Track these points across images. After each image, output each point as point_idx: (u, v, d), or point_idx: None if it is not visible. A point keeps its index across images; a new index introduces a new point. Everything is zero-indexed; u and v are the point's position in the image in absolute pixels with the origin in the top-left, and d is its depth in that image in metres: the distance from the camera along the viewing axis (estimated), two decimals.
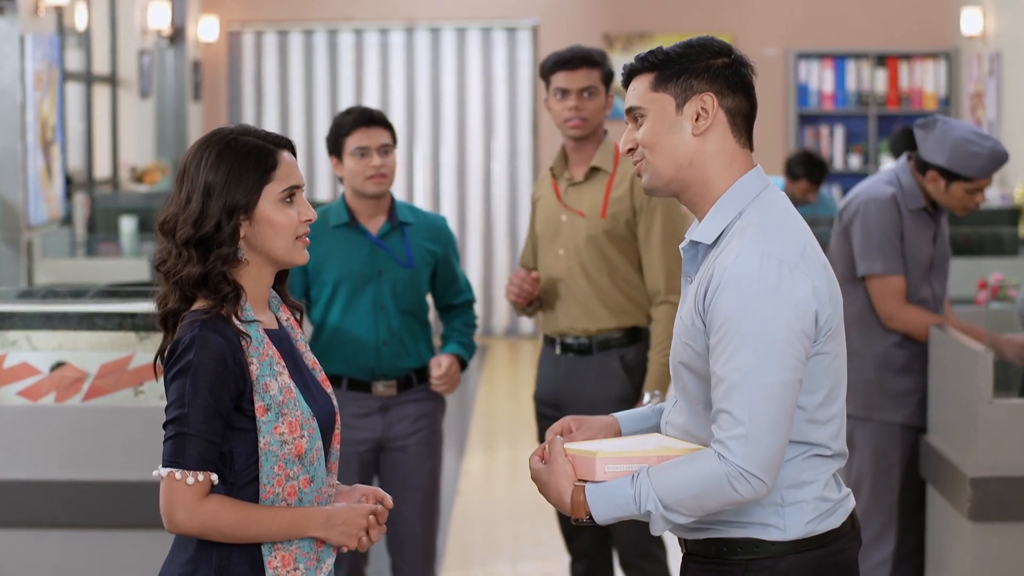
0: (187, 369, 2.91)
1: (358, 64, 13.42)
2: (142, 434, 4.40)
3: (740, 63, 2.93)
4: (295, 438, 2.96)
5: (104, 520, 4.46)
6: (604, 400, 4.91)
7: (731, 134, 2.92)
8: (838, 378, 2.91)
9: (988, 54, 11.66)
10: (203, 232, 2.95)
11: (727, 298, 2.80)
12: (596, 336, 4.98)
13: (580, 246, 4.96)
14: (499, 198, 13.50)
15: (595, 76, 4.95)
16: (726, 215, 2.91)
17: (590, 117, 4.94)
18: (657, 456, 2.87)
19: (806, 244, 2.87)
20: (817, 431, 2.88)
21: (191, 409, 2.90)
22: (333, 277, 4.90)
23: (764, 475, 2.77)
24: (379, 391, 4.92)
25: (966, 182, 4.95)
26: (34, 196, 9.21)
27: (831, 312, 2.85)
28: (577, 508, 2.86)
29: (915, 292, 5.06)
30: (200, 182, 2.96)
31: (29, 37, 9.12)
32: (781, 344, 2.78)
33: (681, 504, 2.81)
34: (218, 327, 2.94)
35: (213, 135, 3.02)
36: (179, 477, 2.90)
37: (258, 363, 2.95)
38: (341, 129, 4.88)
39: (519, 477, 8.27)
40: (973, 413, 4.64)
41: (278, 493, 2.95)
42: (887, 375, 5.07)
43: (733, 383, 2.78)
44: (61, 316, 4.66)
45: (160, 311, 3.02)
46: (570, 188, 5.02)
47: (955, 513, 4.77)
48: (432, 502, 5.00)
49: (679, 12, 13.04)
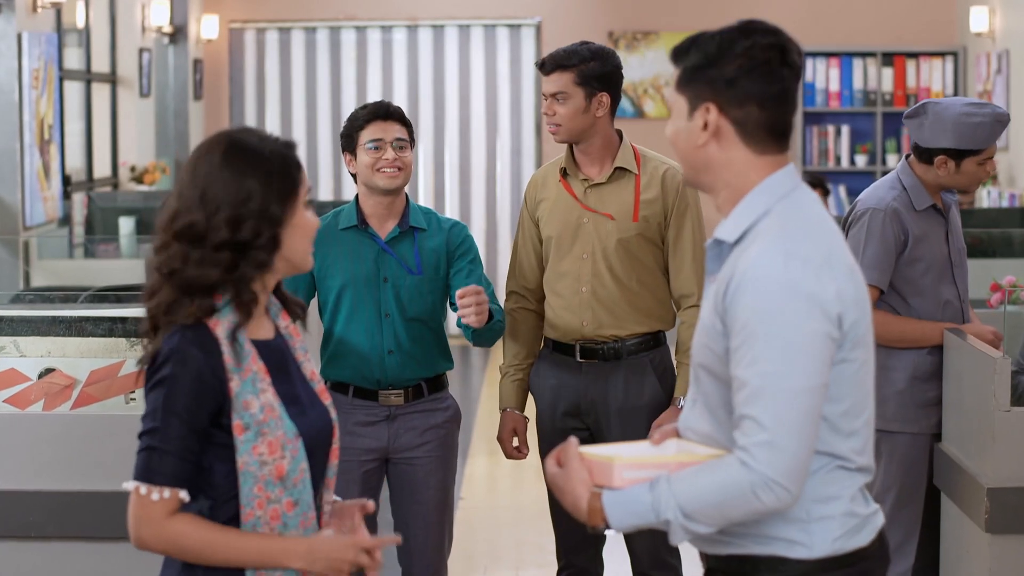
0: (164, 381, 2.83)
1: (360, 62, 13.33)
2: (133, 443, 4.22)
3: (764, 69, 2.77)
4: (275, 459, 2.86)
5: (94, 532, 4.35)
6: (636, 407, 4.78)
7: (742, 144, 2.80)
8: (865, 390, 2.78)
9: (996, 52, 11.56)
10: (240, 237, 2.85)
11: (748, 299, 2.69)
12: (626, 341, 4.84)
13: (609, 249, 4.80)
14: (503, 197, 13.40)
15: (566, 79, 4.78)
16: (752, 213, 2.79)
17: (563, 122, 4.79)
18: (677, 462, 2.76)
19: (833, 245, 2.76)
20: (841, 443, 2.76)
21: (164, 423, 2.82)
22: (338, 282, 4.75)
23: (789, 483, 2.65)
24: (387, 400, 4.77)
25: (975, 155, 4.88)
26: (31, 196, 9.13)
27: (857, 318, 2.73)
28: (594, 515, 2.75)
29: (937, 295, 4.92)
30: (231, 189, 2.86)
31: (26, 35, 9.05)
32: (806, 347, 2.66)
33: (702, 513, 2.69)
34: (199, 339, 2.85)
35: (232, 141, 2.91)
36: (144, 492, 2.83)
37: (239, 379, 2.85)
38: (355, 123, 4.74)
39: (522, 482, 8.18)
40: (990, 422, 4.52)
41: (259, 516, 2.86)
42: (916, 385, 4.94)
43: (756, 388, 2.66)
44: (50, 321, 4.56)
45: (155, 316, 2.89)
46: (590, 190, 4.86)
47: (971, 524, 4.65)
48: (442, 516, 4.85)
49: (684, 10, 12.95)
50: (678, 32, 12.82)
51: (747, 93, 2.77)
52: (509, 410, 4.98)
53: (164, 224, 2.89)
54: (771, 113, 2.78)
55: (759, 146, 2.80)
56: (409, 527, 4.78)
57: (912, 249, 4.90)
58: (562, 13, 13.19)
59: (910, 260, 4.90)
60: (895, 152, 12.75)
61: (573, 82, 4.79)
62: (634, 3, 13.10)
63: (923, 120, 4.90)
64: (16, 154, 8.93)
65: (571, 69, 4.80)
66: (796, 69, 2.81)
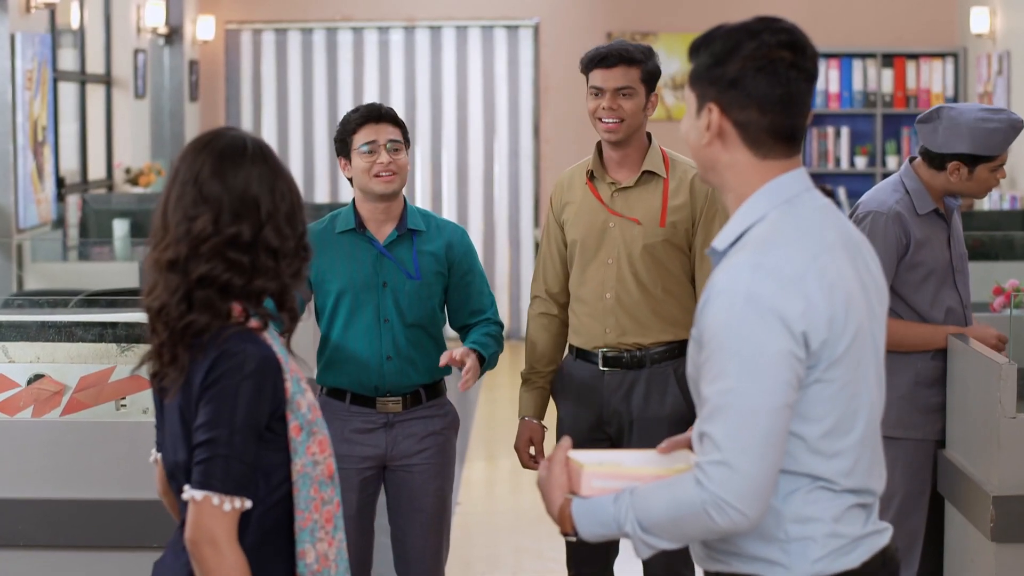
0: (225, 385, 2.77)
1: (357, 63, 13.26)
2: (124, 450, 4.25)
3: (768, 71, 2.67)
4: (325, 457, 2.85)
5: (84, 541, 4.29)
6: (657, 418, 4.67)
7: (745, 148, 2.70)
8: (850, 409, 2.67)
9: (997, 53, 11.50)
10: (286, 246, 2.85)
11: (714, 313, 2.60)
12: (650, 350, 4.72)
13: (635, 255, 4.68)
14: (500, 200, 13.33)
15: (633, 75, 4.66)
16: (746, 219, 2.70)
17: (627, 118, 4.65)
18: (653, 475, 2.71)
19: (822, 258, 2.64)
20: (823, 464, 2.66)
21: (230, 428, 2.76)
22: (336, 287, 4.67)
23: (743, 505, 2.56)
24: (384, 407, 4.70)
25: (989, 162, 4.83)
26: (24, 198, 9.06)
27: (829, 337, 2.61)
28: (564, 522, 2.73)
29: (940, 301, 4.86)
30: (274, 193, 2.84)
31: (19, 35, 9.00)
32: (765, 365, 2.56)
33: (660, 528, 2.64)
34: (257, 342, 2.82)
35: (246, 147, 2.86)
36: (217, 503, 2.75)
37: (291, 380, 2.83)
38: (348, 126, 4.66)
39: (521, 488, 8.11)
40: (996, 429, 4.45)
41: (316, 520, 2.84)
42: (919, 390, 4.87)
43: (715, 405, 2.58)
44: (39, 326, 4.50)
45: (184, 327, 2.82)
46: (617, 193, 4.73)
47: (976, 533, 4.58)
48: (439, 524, 4.78)
49: (683, 11, 12.89)
50: (677, 33, 12.76)
51: (749, 95, 2.68)
52: (527, 419, 4.88)
53: (203, 232, 2.82)
54: (774, 117, 2.68)
55: (762, 150, 2.71)
56: (407, 534, 4.73)
57: (914, 253, 4.84)
58: (561, 14, 13.12)
59: (911, 264, 4.85)
60: (895, 154, 12.69)
61: (640, 78, 4.67)
62: (633, 4, 13.03)
63: (937, 125, 4.84)
64: (9, 156, 8.88)
65: (637, 65, 4.67)
66: (806, 71, 2.70)
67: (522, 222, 13.27)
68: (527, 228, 13.28)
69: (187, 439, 2.83)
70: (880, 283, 2.79)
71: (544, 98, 13.12)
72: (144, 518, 4.22)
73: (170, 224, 2.85)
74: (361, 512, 4.71)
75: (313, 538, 2.84)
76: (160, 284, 2.85)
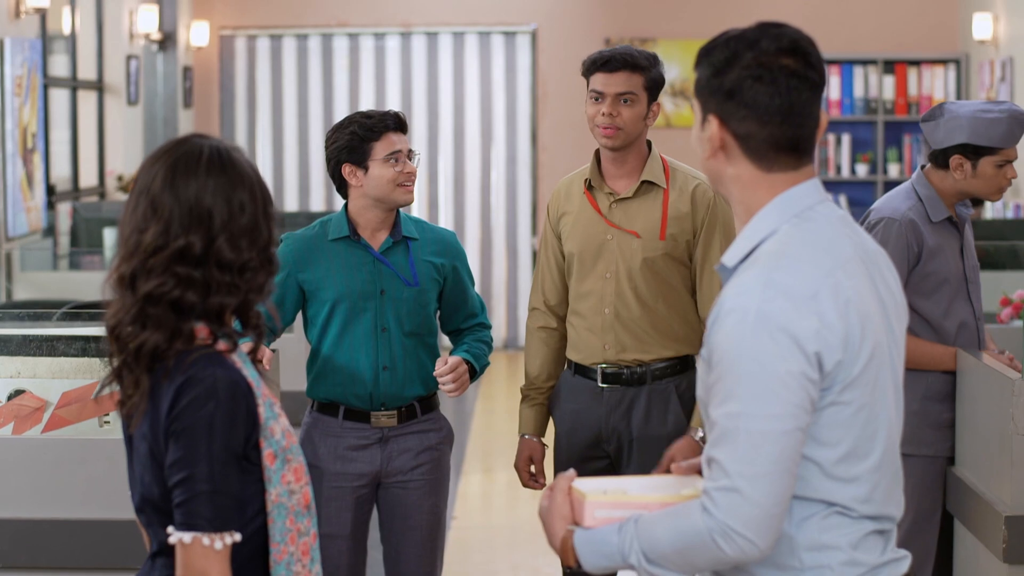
0: (198, 414, 2.59)
1: (353, 70, 13.14)
2: (107, 468, 4.11)
3: (765, 80, 2.54)
4: (302, 486, 2.70)
5: (65, 561, 4.16)
6: (657, 436, 4.51)
7: (747, 160, 2.58)
8: (867, 432, 2.54)
9: (1000, 60, 11.39)
10: (242, 258, 2.67)
11: (723, 332, 2.48)
12: (650, 366, 4.57)
13: (634, 269, 4.53)
14: (498, 208, 13.22)
15: (636, 81, 4.50)
16: (756, 235, 2.57)
17: (625, 126, 4.50)
18: (660, 502, 2.60)
19: (833, 275, 2.51)
20: (839, 490, 2.53)
21: (209, 461, 2.58)
22: (331, 296, 4.54)
23: (752, 534, 2.44)
24: (378, 421, 4.57)
25: (992, 155, 4.71)
26: (13, 206, 8.94)
27: (844, 358, 2.48)
28: (566, 554, 2.62)
29: (953, 313, 4.74)
30: (231, 204, 2.67)
31: (8, 41, 8.90)
32: (776, 387, 2.44)
33: (665, 559, 2.52)
34: (226, 365, 2.64)
35: (220, 156, 2.70)
36: (208, 543, 2.59)
37: (263, 405, 2.67)
38: (371, 134, 4.51)
39: (518, 501, 7.98)
40: (1008, 446, 4.32)
41: (292, 552, 2.68)
42: (929, 405, 4.74)
43: (723, 429, 2.46)
44: (20, 340, 4.36)
45: (138, 347, 2.65)
46: (615, 204, 4.58)
47: (987, 553, 4.45)
48: (433, 541, 4.67)
49: (681, 17, 12.79)
50: (675, 39, 12.66)
51: (747, 106, 2.55)
52: (527, 437, 4.74)
53: (151, 245, 2.65)
54: (774, 128, 2.55)
55: (765, 162, 2.58)
56: (400, 552, 4.63)
57: (926, 262, 4.73)
58: (558, 20, 13.01)
59: (923, 273, 4.74)
60: (896, 161, 12.58)
61: (643, 85, 4.52)
62: (631, 10, 12.93)
63: (939, 121, 4.75)
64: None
65: (641, 72, 4.52)
66: (810, 79, 2.56)
67: (519, 230, 13.16)
68: (524, 236, 13.17)
69: (155, 471, 2.67)
70: (899, 299, 2.66)
71: (542, 105, 13.01)
72: (127, 538, 4.09)
73: (127, 238, 2.70)
74: (355, 532, 4.60)
75: (289, 572, 2.69)
76: (116, 302, 2.69)
